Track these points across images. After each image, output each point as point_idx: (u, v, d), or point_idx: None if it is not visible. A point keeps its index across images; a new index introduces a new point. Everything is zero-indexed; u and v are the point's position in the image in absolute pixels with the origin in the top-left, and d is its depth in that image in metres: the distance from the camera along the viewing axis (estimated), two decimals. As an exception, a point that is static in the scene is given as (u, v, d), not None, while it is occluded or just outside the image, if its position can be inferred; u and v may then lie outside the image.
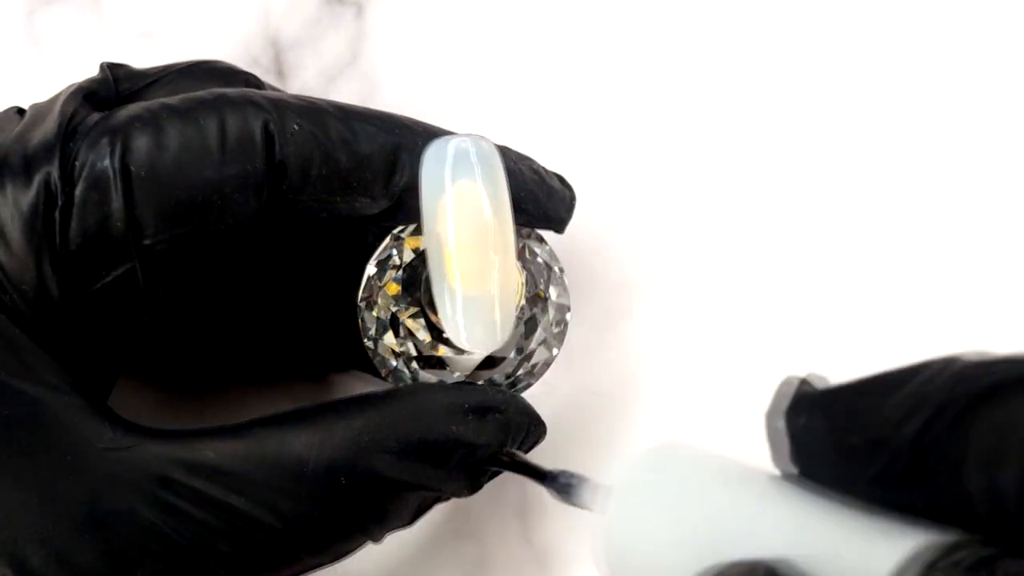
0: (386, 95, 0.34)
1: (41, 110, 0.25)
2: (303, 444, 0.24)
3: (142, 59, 0.27)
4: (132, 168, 0.23)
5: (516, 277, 0.27)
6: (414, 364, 0.28)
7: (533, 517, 0.31)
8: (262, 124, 0.24)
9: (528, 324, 0.28)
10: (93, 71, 0.26)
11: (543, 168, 0.28)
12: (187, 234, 0.24)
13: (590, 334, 0.33)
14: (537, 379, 0.29)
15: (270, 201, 0.25)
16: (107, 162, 0.23)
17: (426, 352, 0.28)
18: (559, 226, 0.28)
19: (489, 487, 0.27)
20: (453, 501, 0.27)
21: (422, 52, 0.35)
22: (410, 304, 0.28)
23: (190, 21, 0.34)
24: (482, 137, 0.25)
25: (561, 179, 0.29)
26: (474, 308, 0.25)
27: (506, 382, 0.28)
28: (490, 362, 0.28)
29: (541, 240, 0.29)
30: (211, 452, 0.23)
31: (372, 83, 0.35)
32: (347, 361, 0.31)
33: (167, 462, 0.23)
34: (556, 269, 0.29)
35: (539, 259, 0.29)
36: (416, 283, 0.28)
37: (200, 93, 0.25)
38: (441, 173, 0.24)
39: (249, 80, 0.27)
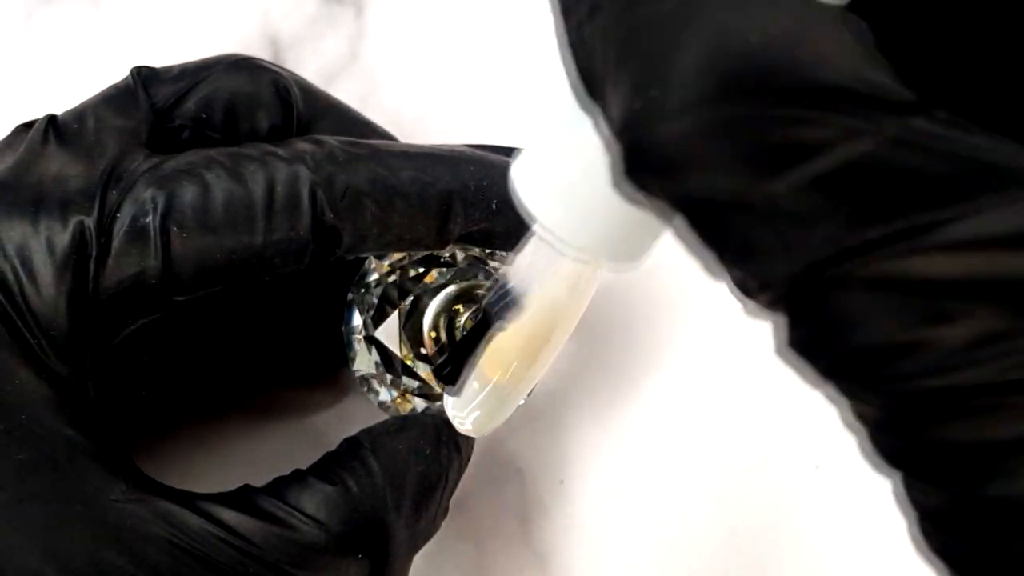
0: (385, 95, 0.34)
1: (82, 137, 0.24)
2: (313, 517, 0.23)
3: (141, 59, 0.27)
4: (173, 228, 0.23)
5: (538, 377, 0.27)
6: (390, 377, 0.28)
7: (533, 518, 0.31)
8: (310, 190, 0.23)
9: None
10: (92, 71, 0.26)
11: None
12: (220, 291, 0.24)
13: (590, 334, 0.33)
14: None
15: (315, 260, 0.24)
16: (149, 219, 0.23)
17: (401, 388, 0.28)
18: None
19: (489, 489, 0.26)
20: (452, 502, 0.27)
21: (422, 51, 0.35)
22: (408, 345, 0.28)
23: (189, 20, 0.34)
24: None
25: None
26: (494, 397, 0.23)
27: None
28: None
29: None
30: (222, 518, 0.23)
31: (372, 83, 0.34)
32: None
33: (174, 521, 0.23)
34: None
35: None
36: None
37: (250, 149, 0.24)
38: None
39: (278, 81, 0.26)
